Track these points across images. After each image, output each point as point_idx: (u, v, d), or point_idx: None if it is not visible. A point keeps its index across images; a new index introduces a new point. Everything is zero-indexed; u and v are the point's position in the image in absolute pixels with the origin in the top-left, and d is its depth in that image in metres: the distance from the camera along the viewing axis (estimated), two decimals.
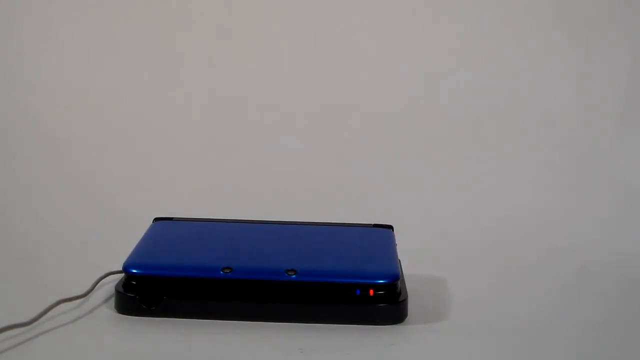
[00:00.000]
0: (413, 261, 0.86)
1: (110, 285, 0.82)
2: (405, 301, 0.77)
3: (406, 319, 0.77)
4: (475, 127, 1.26)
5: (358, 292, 0.76)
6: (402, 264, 0.83)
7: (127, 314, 0.77)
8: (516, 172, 1.21)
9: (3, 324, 0.70)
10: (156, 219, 0.90)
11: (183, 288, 0.77)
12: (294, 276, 0.77)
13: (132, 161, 1.20)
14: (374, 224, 0.90)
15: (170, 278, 0.77)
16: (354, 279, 0.77)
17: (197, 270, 0.77)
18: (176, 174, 1.19)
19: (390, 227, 0.89)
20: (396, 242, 0.86)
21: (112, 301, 0.79)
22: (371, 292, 0.76)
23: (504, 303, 0.84)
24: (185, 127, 1.25)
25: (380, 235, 0.87)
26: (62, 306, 0.76)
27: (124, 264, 0.78)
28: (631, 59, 1.29)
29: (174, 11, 1.29)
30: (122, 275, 0.79)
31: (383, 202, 1.14)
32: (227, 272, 0.77)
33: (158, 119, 1.25)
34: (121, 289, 0.78)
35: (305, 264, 0.78)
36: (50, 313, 0.75)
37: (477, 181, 1.19)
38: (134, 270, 0.77)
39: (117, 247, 0.83)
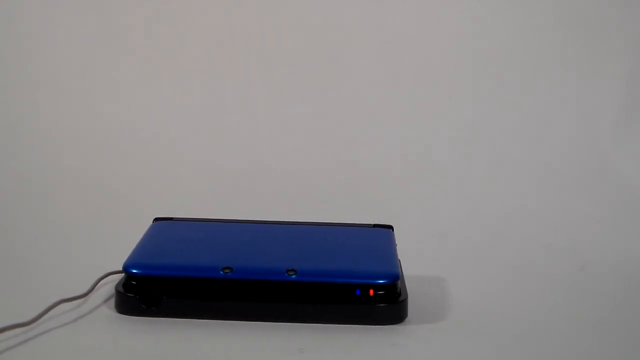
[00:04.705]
0: (413, 261, 0.86)
1: (110, 285, 0.82)
2: (405, 301, 0.77)
3: (406, 319, 0.77)
4: (474, 127, 1.26)
5: (358, 292, 0.76)
6: (402, 264, 0.83)
7: (127, 314, 0.77)
8: (516, 172, 1.21)
9: (3, 324, 0.70)
10: (156, 219, 0.90)
11: (183, 288, 0.77)
12: (294, 276, 0.77)
13: (133, 161, 1.20)
14: (374, 224, 0.90)
15: (170, 278, 0.77)
16: (354, 279, 0.77)
17: (197, 270, 0.77)
18: (176, 174, 1.19)
19: (390, 227, 0.89)
20: (396, 242, 0.86)
21: (112, 301, 0.79)
22: (371, 292, 0.76)
23: (504, 303, 0.84)
24: (185, 127, 1.25)
25: (380, 235, 0.87)
26: (62, 306, 0.76)
27: (124, 264, 0.78)
28: (631, 59, 1.29)
29: (175, 10, 1.29)
30: (122, 275, 0.79)
31: (383, 202, 1.14)
32: (227, 272, 0.77)
33: (158, 119, 1.25)
34: (121, 289, 0.78)
35: (305, 264, 0.78)
36: (50, 313, 0.75)
37: (477, 181, 1.19)
38: (134, 270, 0.77)
39: (117, 247, 0.83)
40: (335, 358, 0.71)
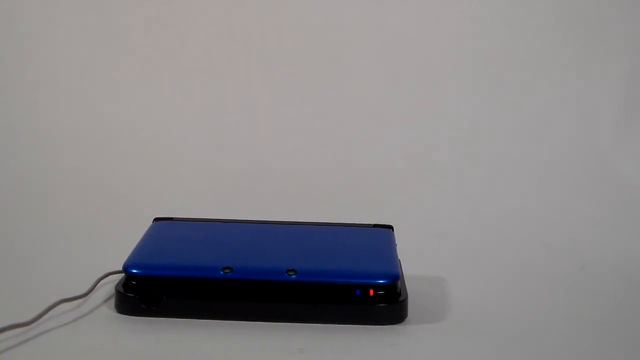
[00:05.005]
0: (413, 261, 0.86)
1: (110, 285, 0.82)
2: (405, 301, 0.77)
3: (406, 319, 0.77)
4: (474, 127, 1.26)
5: (358, 292, 0.76)
6: (402, 264, 0.83)
7: (127, 314, 0.77)
8: (516, 172, 1.21)
9: (3, 324, 0.70)
10: (156, 219, 0.90)
11: (183, 288, 0.77)
12: (294, 276, 0.77)
13: (133, 161, 1.20)
14: (374, 224, 0.90)
15: (170, 278, 0.77)
16: (354, 279, 0.77)
17: (197, 270, 0.77)
18: (176, 174, 1.19)
19: (390, 227, 0.89)
20: (396, 242, 0.86)
21: (112, 301, 0.79)
22: (371, 292, 0.76)
23: (504, 303, 0.84)
24: (185, 127, 1.25)
25: (380, 235, 0.87)
26: (62, 306, 0.76)
27: (124, 264, 0.78)
28: (631, 59, 1.29)
29: (175, 10, 1.29)
30: (122, 275, 0.79)
31: (383, 202, 1.14)
32: (227, 272, 0.77)
33: (158, 119, 1.25)
34: (121, 289, 0.78)
35: (305, 263, 0.78)
36: (50, 313, 0.75)
37: (477, 181, 1.19)
38: (134, 270, 0.77)
39: (117, 247, 0.83)
40: (335, 358, 0.71)
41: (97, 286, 0.81)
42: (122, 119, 1.25)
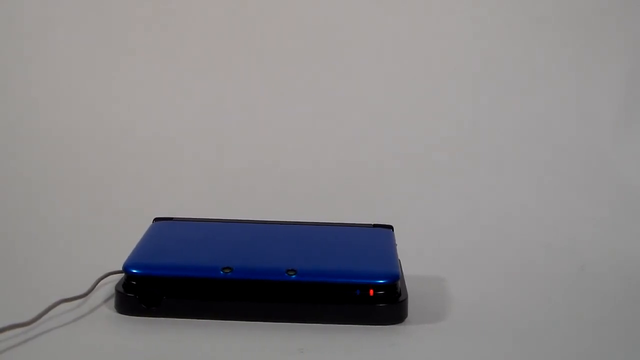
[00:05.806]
0: (413, 261, 0.86)
1: (110, 285, 0.82)
2: (405, 301, 0.77)
3: (406, 319, 0.77)
4: (474, 127, 1.26)
5: (358, 292, 0.76)
6: (402, 264, 0.83)
7: (127, 314, 0.77)
8: (516, 172, 1.21)
9: (3, 324, 0.70)
10: (156, 219, 0.90)
11: (183, 288, 0.77)
12: (294, 276, 0.77)
13: (132, 161, 1.20)
14: (374, 224, 0.90)
15: (170, 278, 0.77)
16: (354, 279, 0.77)
17: (197, 270, 0.77)
18: (176, 174, 1.19)
19: (390, 227, 0.89)
20: (396, 242, 0.86)
21: (112, 301, 0.79)
22: (371, 292, 0.76)
23: (504, 303, 0.84)
24: (185, 127, 1.25)
25: (380, 235, 0.87)
26: (62, 306, 0.76)
27: (124, 264, 0.78)
28: (631, 59, 1.29)
29: (175, 10, 1.29)
30: (122, 275, 0.79)
31: (383, 202, 1.14)
32: (227, 272, 0.77)
33: (158, 119, 1.25)
34: (121, 289, 0.78)
35: (305, 264, 0.78)
36: (50, 313, 0.75)
37: (477, 181, 1.19)
38: (134, 270, 0.77)
39: (117, 247, 0.83)
40: (335, 358, 0.71)
41: (97, 286, 0.81)
42: (122, 119, 1.25)
